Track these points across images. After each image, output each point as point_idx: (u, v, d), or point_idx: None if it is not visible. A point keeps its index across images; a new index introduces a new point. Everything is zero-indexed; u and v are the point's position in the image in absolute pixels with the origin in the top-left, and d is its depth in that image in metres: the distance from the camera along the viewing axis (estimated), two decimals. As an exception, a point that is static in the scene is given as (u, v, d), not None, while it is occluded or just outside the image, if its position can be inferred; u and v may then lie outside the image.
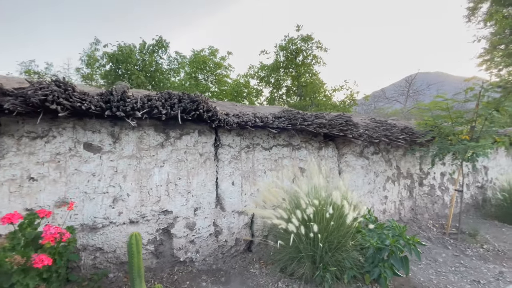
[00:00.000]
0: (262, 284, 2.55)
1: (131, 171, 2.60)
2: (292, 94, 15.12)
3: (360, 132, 3.38)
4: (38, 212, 1.93)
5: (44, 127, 2.30)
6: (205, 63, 14.36)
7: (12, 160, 2.19)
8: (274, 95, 15.31)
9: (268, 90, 15.74)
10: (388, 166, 4.37)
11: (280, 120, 3.00)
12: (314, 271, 2.52)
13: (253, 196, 3.20)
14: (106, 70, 12.33)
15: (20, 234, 1.82)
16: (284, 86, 15.13)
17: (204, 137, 2.98)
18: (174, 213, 2.77)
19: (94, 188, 2.45)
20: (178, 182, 2.80)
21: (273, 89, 15.40)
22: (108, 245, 2.49)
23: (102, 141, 2.50)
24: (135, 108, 2.34)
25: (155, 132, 2.74)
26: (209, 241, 2.94)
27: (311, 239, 2.40)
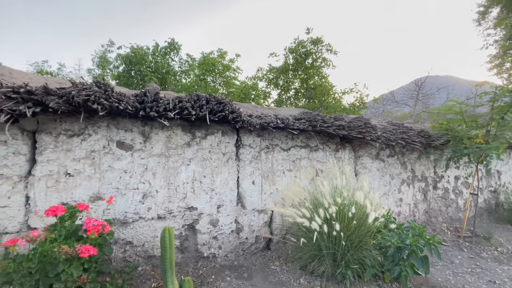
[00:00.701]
0: (283, 281, 2.63)
1: (160, 168, 2.72)
2: (301, 96, 15.19)
3: (378, 134, 3.45)
4: (77, 206, 2.05)
5: (80, 126, 2.43)
6: (214, 65, 14.54)
7: (50, 157, 2.32)
8: (282, 97, 15.40)
9: (276, 92, 15.86)
10: (403, 169, 4.41)
11: (300, 122, 3.08)
12: (335, 269, 2.59)
13: (272, 195, 3.29)
14: (119, 71, 12.58)
15: (60, 226, 1.94)
16: (292, 89, 15.21)
17: (227, 137, 3.08)
18: (199, 210, 2.88)
19: (125, 184, 2.57)
20: (203, 180, 2.91)
21: (281, 91, 15.49)
22: (137, 239, 2.60)
23: (133, 139, 2.63)
24: (167, 109, 2.46)
25: (182, 132, 2.85)
26: (231, 238, 3.03)
27: (333, 237, 2.47)
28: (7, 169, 2.18)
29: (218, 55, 15.45)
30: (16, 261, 1.53)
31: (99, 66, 15.67)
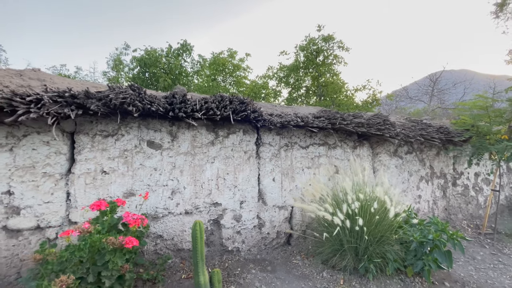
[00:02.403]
0: (306, 274, 2.72)
1: (186, 166, 2.85)
2: (312, 94, 15.13)
3: (397, 131, 3.47)
4: (116, 201, 2.21)
5: (114, 126, 2.60)
6: (224, 65, 14.67)
7: (88, 156, 2.50)
8: (293, 95, 15.38)
9: (286, 90, 15.84)
10: (422, 166, 4.40)
11: (319, 120, 3.15)
12: (357, 263, 2.66)
13: (292, 192, 3.37)
14: (133, 73, 12.92)
15: (102, 219, 2.10)
16: (303, 87, 15.16)
17: (248, 136, 3.19)
18: (223, 205, 3.00)
19: (155, 181, 2.72)
20: (226, 177, 3.03)
21: (292, 89, 15.48)
22: (167, 233, 2.75)
23: (162, 139, 2.77)
24: (194, 110, 2.59)
25: (207, 131, 2.98)
26: (253, 233, 3.14)
27: (356, 232, 2.54)
28: (50, 167, 2.37)
29: (228, 54, 15.59)
30: (68, 251, 1.68)
31: (113, 69, 16.14)
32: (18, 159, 2.27)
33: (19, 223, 2.27)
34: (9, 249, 2.24)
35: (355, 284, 2.52)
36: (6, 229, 2.25)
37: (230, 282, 2.46)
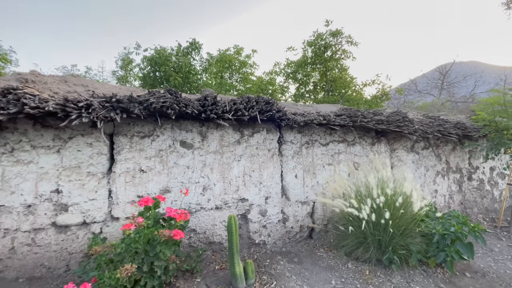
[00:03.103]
0: (332, 265, 2.86)
1: (216, 164, 3.01)
2: (320, 89, 15.11)
3: (416, 127, 3.56)
4: (158, 198, 2.37)
5: (149, 128, 2.76)
6: (231, 62, 14.72)
7: (127, 156, 2.67)
8: (300, 91, 15.39)
9: (294, 86, 15.85)
10: (438, 161, 4.48)
11: (341, 118, 3.26)
12: (380, 255, 2.79)
13: (314, 188, 3.50)
14: (144, 72, 13.12)
15: (147, 214, 2.27)
16: (311, 82, 15.15)
17: (271, 135, 3.32)
18: (250, 201, 3.15)
19: (188, 178, 2.88)
20: (252, 174, 3.18)
21: (300, 85, 15.48)
22: (199, 227, 2.92)
23: (193, 139, 2.93)
24: (224, 111, 2.73)
25: (233, 131, 3.12)
26: (278, 227, 3.29)
27: (381, 225, 2.66)
28: (93, 167, 2.54)
29: (234, 51, 15.63)
30: (124, 243, 1.85)
31: (122, 68, 16.37)
32: (65, 159, 2.45)
33: (67, 219, 2.46)
34: (59, 243, 2.43)
35: (380, 275, 2.66)
36: (56, 225, 2.44)
37: (261, 273, 2.62)
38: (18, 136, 2.34)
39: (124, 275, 1.63)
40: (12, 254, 2.31)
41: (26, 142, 2.35)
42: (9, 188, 2.31)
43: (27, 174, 2.35)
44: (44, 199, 2.39)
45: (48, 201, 2.40)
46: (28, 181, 2.35)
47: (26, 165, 2.35)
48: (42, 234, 2.38)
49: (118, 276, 1.65)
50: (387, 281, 2.58)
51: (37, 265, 2.37)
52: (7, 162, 2.31)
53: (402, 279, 2.61)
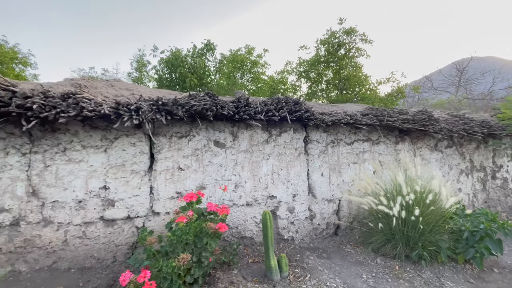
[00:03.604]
0: (361, 261, 2.95)
1: (246, 162, 3.14)
2: (333, 88, 15.05)
3: (441, 126, 3.59)
4: (200, 194, 2.52)
5: (186, 129, 2.92)
6: (242, 62, 14.82)
7: (166, 155, 2.83)
8: (314, 90, 15.36)
9: (306, 85, 15.83)
10: (462, 159, 4.47)
11: (367, 117, 3.34)
12: (408, 252, 2.86)
13: (340, 186, 3.59)
14: (159, 74, 13.43)
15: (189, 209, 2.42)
16: (324, 81, 15.10)
17: (297, 134, 3.43)
18: (278, 198, 3.27)
19: (221, 176, 3.03)
20: (280, 172, 3.30)
21: (312, 84, 15.45)
22: (232, 222, 3.06)
23: (225, 139, 3.07)
24: (256, 112, 2.86)
25: (262, 131, 3.24)
26: (305, 224, 3.40)
27: (410, 222, 2.73)
28: (136, 165, 2.72)
29: (246, 51, 15.73)
30: (176, 235, 2.01)
31: (137, 70, 16.79)
32: (111, 158, 2.64)
33: (114, 214, 2.65)
34: (106, 236, 2.63)
35: (410, 270, 2.73)
36: (103, 219, 2.63)
37: (294, 267, 2.74)
38: (70, 136, 2.54)
39: (182, 264, 1.79)
40: (65, 246, 2.52)
41: (77, 142, 2.55)
42: (62, 184, 2.51)
43: (78, 172, 2.55)
44: (93, 195, 2.59)
45: (96, 197, 2.60)
46: (79, 178, 2.55)
47: (77, 163, 2.55)
48: (91, 227, 2.58)
49: (174, 265, 1.81)
50: (417, 276, 2.65)
51: (87, 256, 2.57)
52: (60, 160, 2.51)
53: (432, 275, 2.67)
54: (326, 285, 2.41)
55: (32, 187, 2.44)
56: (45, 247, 2.45)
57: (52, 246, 2.47)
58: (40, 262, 2.44)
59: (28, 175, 2.44)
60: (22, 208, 2.41)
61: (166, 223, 2.46)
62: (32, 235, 2.42)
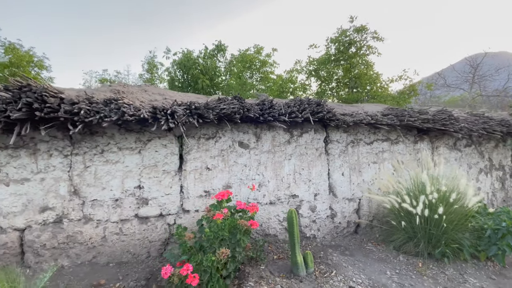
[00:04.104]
0: (383, 258, 3.02)
1: (269, 163, 3.25)
2: (343, 86, 14.98)
3: (461, 126, 3.61)
4: (229, 193, 2.64)
5: (213, 130, 3.05)
6: (251, 61, 14.89)
7: (195, 155, 2.97)
8: (323, 88, 15.33)
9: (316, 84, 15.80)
10: (480, 158, 4.46)
11: (388, 117, 3.39)
12: (431, 249, 2.91)
13: (360, 185, 3.66)
14: (171, 76, 13.68)
15: (219, 207, 2.54)
16: (335, 79, 15.05)
17: (318, 135, 3.52)
18: (300, 197, 3.37)
19: (246, 175, 3.15)
20: (301, 172, 3.39)
21: (322, 82, 15.42)
22: (256, 220, 3.16)
23: (249, 140, 3.19)
24: (280, 114, 2.96)
25: (283, 132, 3.34)
26: (326, 222, 3.49)
27: (434, 220, 2.78)
28: (168, 166, 2.87)
29: (254, 51, 15.79)
30: (213, 231, 2.13)
31: (148, 71, 17.13)
32: (145, 159, 2.79)
33: (147, 212, 2.80)
34: (141, 233, 2.78)
35: (433, 267, 2.79)
36: (138, 217, 2.79)
37: (318, 263, 2.83)
38: (107, 139, 2.70)
39: (222, 258, 1.91)
40: (103, 242, 2.68)
41: (113, 144, 2.71)
42: (101, 184, 2.68)
43: (115, 172, 2.71)
44: (129, 194, 2.75)
45: (131, 196, 2.76)
46: (116, 178, 2.71)
47: (114, 164, 2.71)
48: (127, 224, 2.74)
49: (213, 259, 1.93)
50: (441, 273, 2.71)
51: (124, 251, 2.73)
52: (99, 162, 2.68)
53: (455, 271, 2.73)
54: (352, 280, 2.50)
55: (74, 186, 2.62)
56: (85, 243, 2.62)
57: (92, 242, 2.64)
58: (81, 257, 2.61)
59: (70, 175, 2.61)
60: (65, 206, 2.59)
61: (197, 220, 2.60)
62: (74, 231, 2.59)
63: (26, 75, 14.30)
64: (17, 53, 13.17)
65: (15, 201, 2.49)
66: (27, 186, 2.51)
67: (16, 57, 13.05)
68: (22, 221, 2.50)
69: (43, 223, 2.54)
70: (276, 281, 2.45)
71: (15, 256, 2.51)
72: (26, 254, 2.52)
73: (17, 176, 2.50)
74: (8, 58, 13.07)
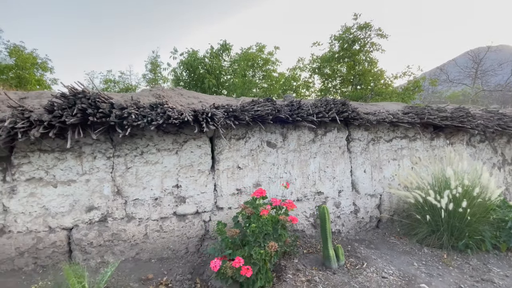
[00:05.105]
0: (408, 251, 3.17)
1: (295, 161, 3.39)
2: (347, 83, 15.08)
3: (477, 123, 3.74)
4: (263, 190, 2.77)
5: (242, 131, 3.17)
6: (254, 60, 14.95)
7: (227, 155, 3.10)
8: (327, 86, 15.42)
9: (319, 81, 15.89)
10: (494, 154, 4.60)
11: (409, 116, 3.52)
12: (452, 242, 3.06)
13: (381, 181, 3.80)
14: (177, 75, 13.77)
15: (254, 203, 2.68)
16: (338, 76, 15.15)
17: (340, 133, 3.65)
18: (325, 194, 3.51)
19: (274, 174, 3.28)
20: (326, 169, 3.53)
21: (325, 80, 15.51)
22: (285, 217, 3.31)
23: (276, 139, 3.32)
24: (308, 114, 3.09)
25: (308, 131, 3.47)
26: (350, 217, 3.63)
27: (457, 213, 2.92)
28: (202, 165, 3.00)
29: (257, 49, 15.83)
30: (258, 226, 2.27)
31: (151, 71, 17.24)
32: (182, 160, 2.93)
33: (185, 209, 2.94)
34: (180, 229, 2.92)
35: (457, 258, 2.93)
36: (176, 215, 2.92)
37: (347, 256, 2.97)
38: (146, 141, 2.83)
39: (272, 250, 2.05)
40: (145, 239, 2.82)
41: (152, 146, 2.84)
42: (142, 184, 2.81)
43: (155, 173, 2.84)
44: (167, 193, 2.88)
45: (170, 195, 2.89)
46: (155, 178, 2.84)
47: (153, 165, 2.84)
48: (167, 222, 2.87)
49: (262, 252, 2.07)
50: (465, 263, 2.85)
51: (164, 248, 2.87)
52: (139, 163, 2.81)
53: (478, 262, 2.87)
54: (384, 271, 2.65)
55: (117, 186, 2.75)
56: (129, 240, 2.76)
57: (135, 239, 2.77)
58: (125, 254, 2.75)
59: (113, 176, 2.75)
60: (109, 206, 2.73)
61: (233, 217, 2.74)
62: (118, 229, 2.73)
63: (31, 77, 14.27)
64: (21, 55, 13.26)
65: (62, 201, 2.62)
66: (73, 187, 2.65)
67: (21, 59, 13.13)
68: (70, 220, 2.64)
69: (89, 222, 2.68)
70: (312, 273, 2.60)
71: (63, 254, 2.65)
72: (74, 252, 2.66)
73: (64, 178, 2.63)
74: (13, 60, 13.16)
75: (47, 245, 2.58)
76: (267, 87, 15.45)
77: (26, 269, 2.56)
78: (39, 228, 2.58)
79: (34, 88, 13.17)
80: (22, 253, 2.54)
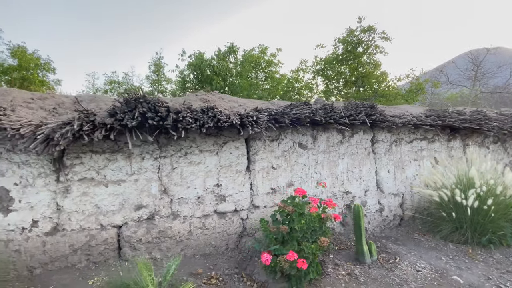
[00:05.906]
0: (433, 247, 3.34)
1: (325, 162, 3.55)
2: (350, 85, 15.31)
3: (494, 125, 3.94)
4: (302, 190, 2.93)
5: (276, 133, 3.33)
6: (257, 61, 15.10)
7: (262, 156, 3.26)
8: (330, 88, 15.65)
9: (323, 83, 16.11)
10: (505, 154, 4.81)
11: (431, 118, 3.71)
12: (476, 238, 3.24)
13: (403, 181, 3.98)
14: (183, 77, 13.90)
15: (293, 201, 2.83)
16: (342, 78, 15.38)
17: (366, 135, 3.82)
18: (352, 193, 3.68)
19: (306, 174, 3.45)
20: (353, 170, 3.70)
21: (328, 81, 15.74)
22: (316, 215, 3.47)
23: (307, 141, 3.48)
24: (341, 116, 3.26)
25: (336, 133, 3.64)
26: (375, 216, 3.80)
27: (482, 211, 3.11)
28: (239, 166, 3.16)
29: (259, 51, 15.99)
30: (306, 222, 2.43)
31: (154, 72, 17.36)
32: (222, 160, 3.08)
33: (225, 208, 3.09)
34: (220, 226, 3.07)
35: (481, 253, 3.12)
36: (217, 212, 3.07)
37: (378, 252, 3.14)
38: (189, 143, 2.98)
39: (324, 245, 2.21)
40: (189, 236, 2.97)
41: (195, 147, 2.99)
42: (186, 183, 2.96)
43: (198, 172, 2.99)
44: (209, 191, 3.03)
45: (211, 193, 3.04)
46: (198, 178, 2.99)
47: (196, 165, 2.99)
48: (209, 219, 3.02)
49: (313, 246, 2.23)
50: (489, 257, 3.04)
51: (206, 244, 3.01)
52: (183, 163, 2.96)
53: (501, 256, 3.06)
54: (417, 265, 2.82)
55: (163, 186, 2.89)
56: (174, 237, 2.90)
57: (180, 236, 2.92)
58: (171, 250, 2.89)
59: (159, 176, 2.89)
60: (156, 204, 2.87)
61: (271, 214, 2.88)
62: (164, 227, 2.87)
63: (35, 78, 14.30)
64: (24, 56, 13.29)
65: (113, 200, 2.76)
66: (123, 186, 2.78)
67: (24, 60, 13.16)
68: (120, 218, 2.77)
69: (138, 220, 2.82)
70: (351, 268, 2.77)
71: (113, 250, 2.79)
72: (123, 248, 2.79)
73: (114, 178, 2.77)
74: (16, 61, 13.18)
75: (99, 242, 2.72)
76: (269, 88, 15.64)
77: (79, 265, 2.69)
78: (92, 226, 2.71)
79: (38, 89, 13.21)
80: (75, 250, 2.67)
